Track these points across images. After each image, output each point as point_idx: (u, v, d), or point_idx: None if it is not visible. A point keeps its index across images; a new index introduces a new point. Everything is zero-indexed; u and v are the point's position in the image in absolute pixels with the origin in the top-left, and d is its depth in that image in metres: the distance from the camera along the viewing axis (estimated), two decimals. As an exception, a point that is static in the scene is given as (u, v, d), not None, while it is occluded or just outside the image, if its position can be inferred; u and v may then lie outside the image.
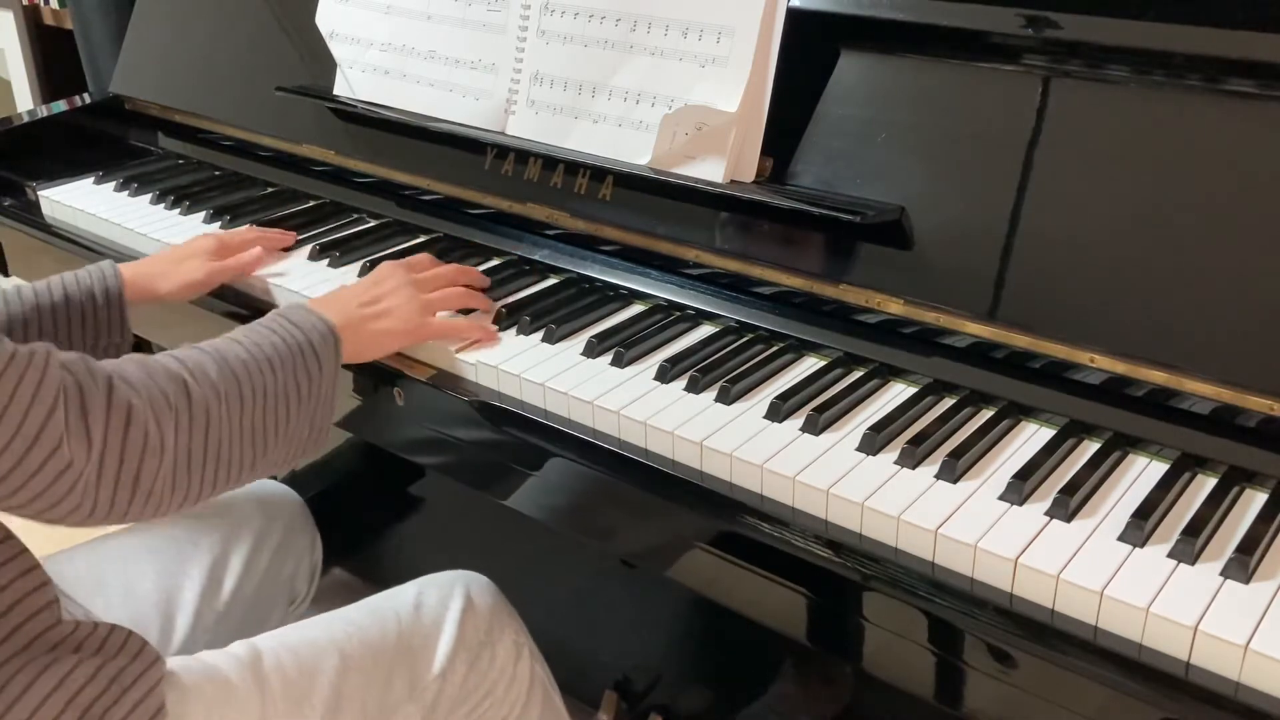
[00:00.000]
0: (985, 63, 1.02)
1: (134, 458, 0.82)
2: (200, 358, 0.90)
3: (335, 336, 1.00)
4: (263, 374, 0.92)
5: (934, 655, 0.85)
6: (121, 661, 0.89)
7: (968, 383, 1.01)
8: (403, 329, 1.08)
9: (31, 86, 2.31)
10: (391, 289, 1.10)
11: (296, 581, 1.32)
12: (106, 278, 1.16)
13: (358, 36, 1.40)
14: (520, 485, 1.08)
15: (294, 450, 0.96)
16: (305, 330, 0.98)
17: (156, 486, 0.84)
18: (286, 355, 0.95)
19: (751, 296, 1.13)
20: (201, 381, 0.88)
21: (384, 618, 1.06)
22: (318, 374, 0.96)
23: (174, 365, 0.88)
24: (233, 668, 0.96)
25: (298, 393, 0.94)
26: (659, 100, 1.15)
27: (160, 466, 0.83)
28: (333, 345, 0.99)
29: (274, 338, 0.96)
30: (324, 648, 1.01)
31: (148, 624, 1.16)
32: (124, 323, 1.16)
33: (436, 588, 1.11)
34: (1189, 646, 0.74)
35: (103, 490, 0.81)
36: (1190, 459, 0.91)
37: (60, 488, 0.79)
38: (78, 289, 1.14)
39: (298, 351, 0.96)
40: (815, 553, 0.88)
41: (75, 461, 0.78)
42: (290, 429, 0.94)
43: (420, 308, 1.10)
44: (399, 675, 1.03)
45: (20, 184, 1.60)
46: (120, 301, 1.16)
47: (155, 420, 0.83)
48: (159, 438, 0.83)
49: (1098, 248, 0.94)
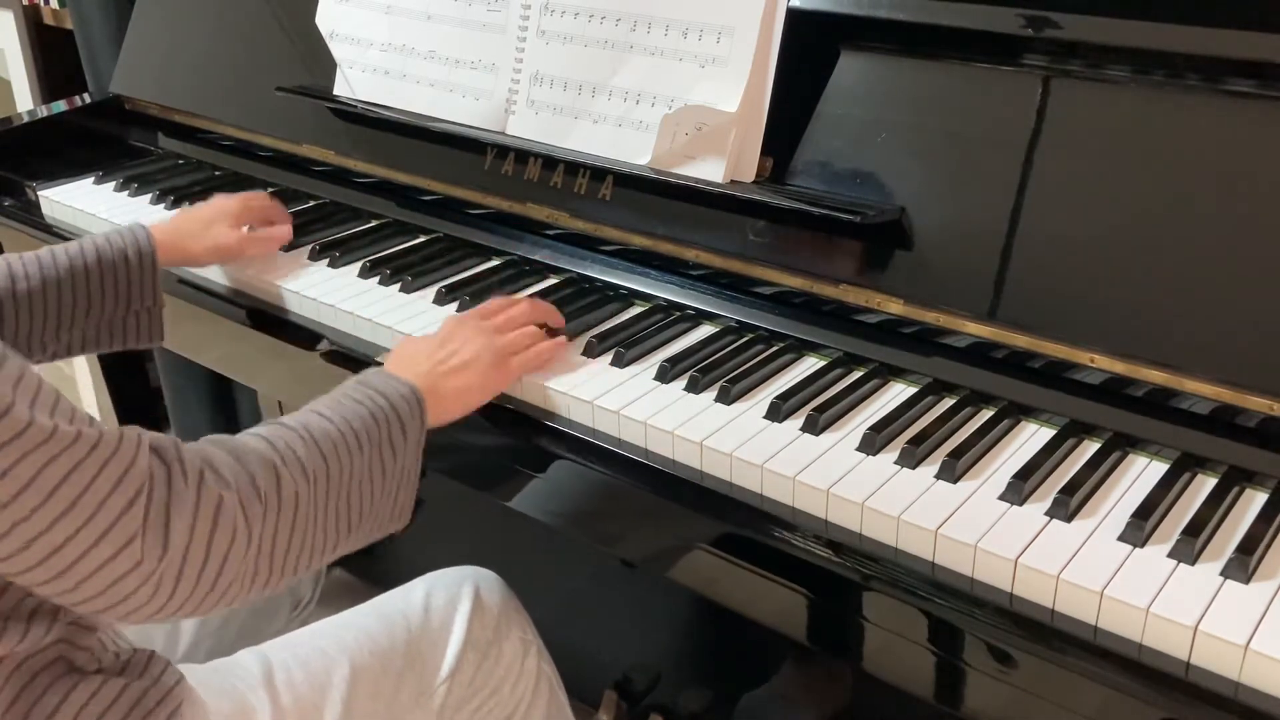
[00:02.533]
0: (985, 63, 1.02)
1: (219, 554, 0.77)
2: (288, 436, 0.85)
3: (420, 402, 0.93)
4: (349, 450, 0.86)
5: (934, 655, 0.85)
6: (144, 684, 0.89)
7: (968, 383, 1.01)
8: (482, 382, 1.01)
9: (31, 86, 2.30)
10: (465, 339, 1.02)
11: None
12: (139, 239, 1.15)
13: (358, 36, 1.40)
14: (520, 486, 1.08)
15: (379, 525, 0.91)
16: (390, 399, 0.91)
17: (236, 579, 0.79)
18: (373, 428, 0.89)
19: (751, 296, 1.13)
20: (291, 465, 0.83)
21: (393, 622, 1.06)
22: (402, 444, 0.91)
23: (263, 448, 0.83)
24: (248, 685, 0.96)
25: (383, 467, 0.89)
26: (659, 100, 1.15)
27: (244, 558, 0.79)
28: (418, 411, 0.93)
29: (358, 408, 0.89)
30: (334, 658, 1.01)
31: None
32: (155, 285, 1.16)
33: (445, 587, 1.11)
34: (1189, 646, 0.74)
35: (181, 586, 0.76)
36: (1190, 459, 0.91)
37: (130, 583, 0.74)
38: (110, 250, 1.13)
39: (384, 421, 0.90)
40: (815, 553, 0.88)
41: (146, 559, 0.73)
42: (376, 505, 0.89)
43: (496, 354, 1.02)
44: (408, 682, 1.03)
45: (20, 184, 1.60)
46: (153, 262, 1.15)
47: (244, 513, 0.78)
48: (246, 531, 0.78)
49: (1098, 248, 0.94)
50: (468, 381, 1.00)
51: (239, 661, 0.99)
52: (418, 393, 0.94)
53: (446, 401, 0.98)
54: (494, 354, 1.02)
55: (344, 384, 0.94)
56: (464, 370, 1.00)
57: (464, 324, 1.05)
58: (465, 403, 1.00)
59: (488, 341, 1.03)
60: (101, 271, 1.12)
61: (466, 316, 1.07)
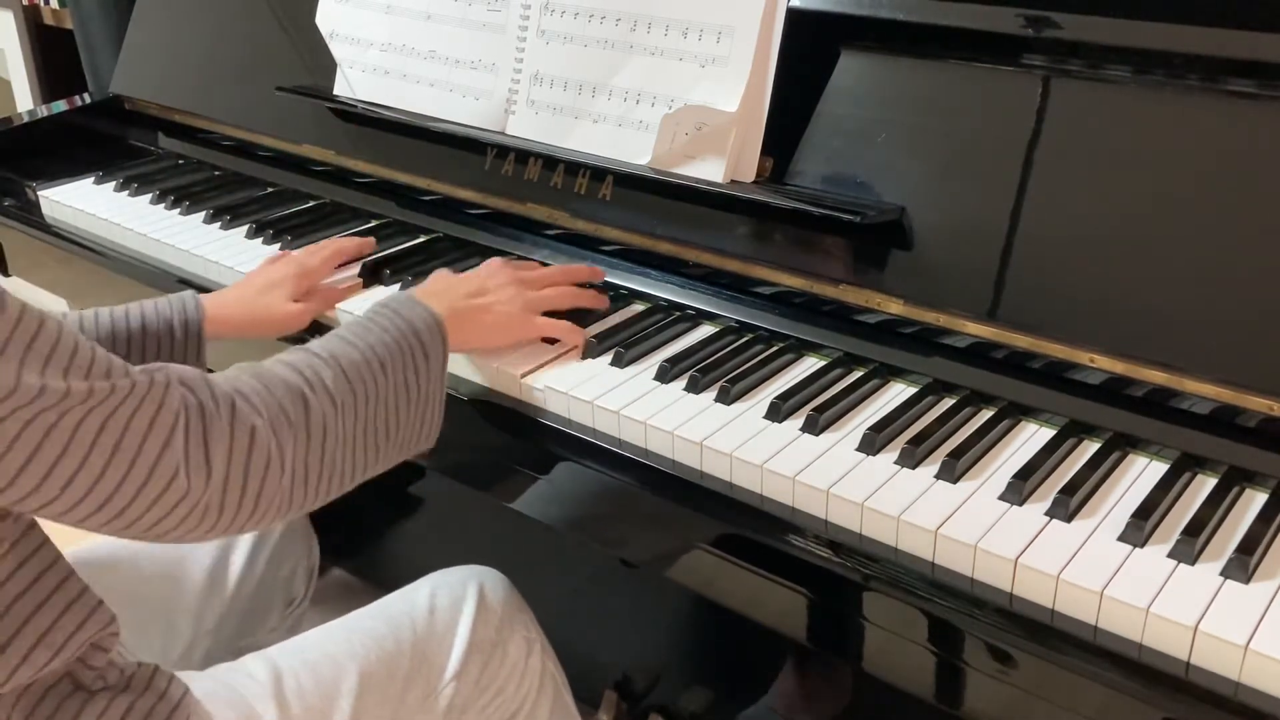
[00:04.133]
0: (985, 63, 1.02)
1: (256, 479, 0.81)
2: (316, 364, 0.88)
3: (441, 327, 0.97)
4: (374, 376, 0.90)
5: (934, 655, 0.85)
6: (151, 699, 0.89)
7: (968, 383, 1.01)
8: (507, 324, 1.07)
9: (31, 86, 2.31)
10: (498, 285, 1.08)
11: (294, 583, 1.32)
12: (187, 309, 1.11)
13: (358, 37, 1.40)
14: (520, 486, 1.08)
15: (407, 446, 0.95)
16: (413, 322, 0.96)
17: (275, 502, 0.83)
18: (396, 352, 0.93)
19: (751, 296, 1.13)
20: (319, 392, 0.86)
21: (399, 625, 1.06)
22: (425, 367, 0.94)
23: (291, 376, 0.86)
24: (255, 694, 0.96)
25: (407, 391, 0.93)
26: (659, 100, 1.15)
27: (280, 483, 0.82)
28: (440, 336, 0.97)
29: (383, 335, 0.93)
30: (343, 664, 1.01)
31: (152, 628, 1.16)
32: (200, 356, 1.12)
33: (449, 587, 1.10)
34: (1189, 646, 0.74)
35: (225, 513, 0.80)
36: (1190, 459, 0.91)
37: (177, 515, 0.78)
38: (156, 319, 1.09)
39: (407, 347, 0.94)
40: (815, 553, 0.88)
41: (193, 489, 0.77)
42: (402, 427, 0.93)
43: (525, 304, 1.08)
44: (414, 684, 1.03)
45: (20, 184, 1.60)
46: (199, 335, 1.11)
47: (276, 440, 0.82)
48: (280, 457, 0.82)
49: (1098, 248, 0.94)
50: (493, 320, 1.06)
51: (245, 669, 0.99)
52: (440, 320, 0.98)
53: (468, 332, 1.04)
54: (523, 304, 1.08)
55: (372, 305, 0.98)
56: (489, 310, 1.06)
57: (503, 270, 1.10)
58: (486, 338, 1.07)
59: (520, 291, 1.09)
60: (145, 341, 1.08)
61: (505, 263, 1.13)
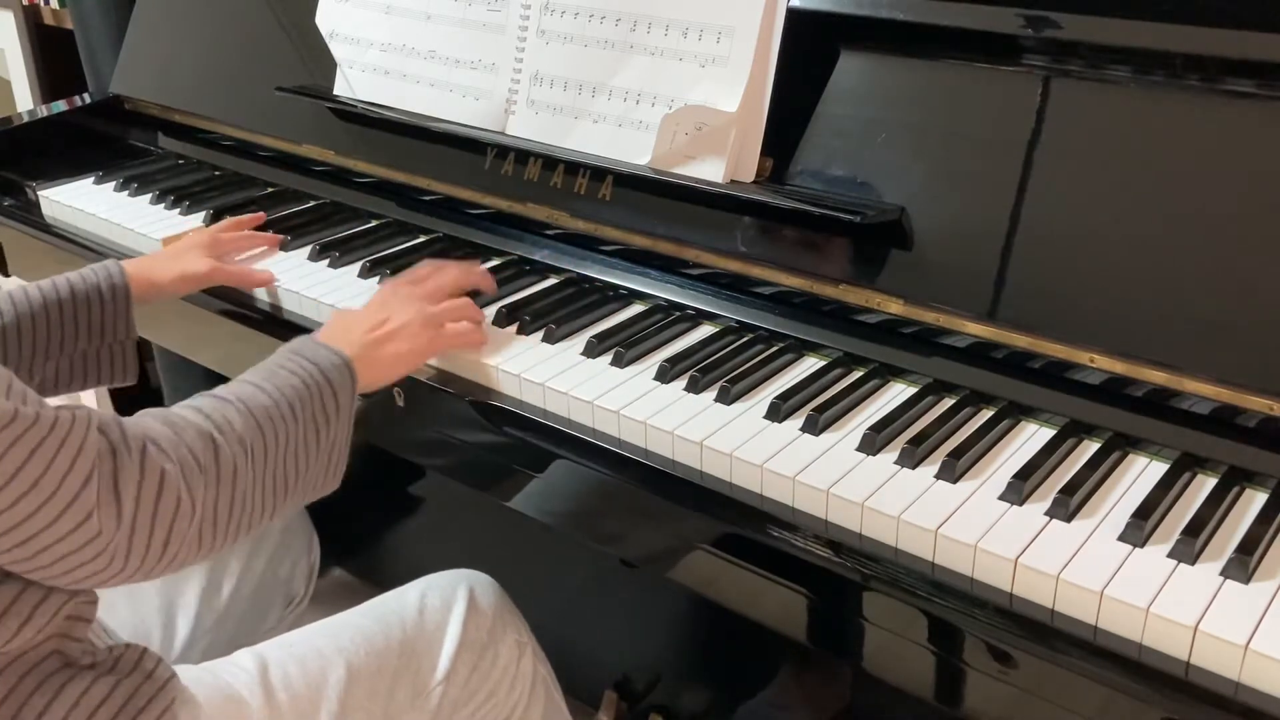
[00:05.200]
0: (985, 63, 1.02)
1: (165, 523, 0.81)
2: (225, 410, 0.88)
3: (351, 371, 0.97)
4: (284, 420, 0.90)
5: (934, 655, 0.85)
6: (136, 679, 0.89)
7: (968, 383, 1.01)
8: (411, 349, 1.05)
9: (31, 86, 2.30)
10: (397, 308, 1.06)
11: (293, 582, 1.33)
12: (112, 275, 1.15)
13: (358, 36, 1.40)
14: (520, 485, 1.08)
15: (313, 490, 0.95)
16: (323, 368, 0.95)
17: (184, 547, 0.83)
18: (306, 397, 0.92)
19: (751, 296, 1.13)
20: (229, 437, 0.86)
21: (388, 623, 1.06)
22: (334, 412, 0.94)
23: (201, 422, 0.86)
24: (242, 682, 0.96)
25: (316, 434, 0.92)
26: (659, 100, 1.15)
27: (189, 528, 0.82)
28: (349, 380, 0.96)
29: (293, 379, 0.93)
30: (330, 658, 1.01)
31: (151, 627, 1.16)
32: (129, 320, 1.16)
33: (439, 589, 1.11)
34: (1189, 646, 0.74)
35: (132, 556, 0.80)
36: (1190, 459, 0.91)
37: (86, 554, 0.78)
38: (83, 286, 1.13)
39: (316, 392, 0.93)
40: (815, 553, 0.88)
41: (104, 531, 0.77)
42: (310, 471, 0.93)
43: (426, 323, 1.06)
44: (403, 683, 1.03)
45: (20, 184, 1.60)
46: (126, 298, 1.15)
47: (186, 484, 0.82)
48: (189, 502, 0.82)
49: (1097, 248, 0.94)
50: (398, 349, 1.04)
51: (233, 660, 1.00)
52: (349, 362, 0.97)
53: (378, 368, 1.03)
54: (424, 322, 1.06)
55: (277, 352, 0.97)
56: (395, 339, 1.04)
57: (396, 292, 1.09)
58: (395, 370, 1.05)
59: (419, 310, 1.07)
60: (75, 309, 1.11)
61: (399, 284, 1.12)
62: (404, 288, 1.11)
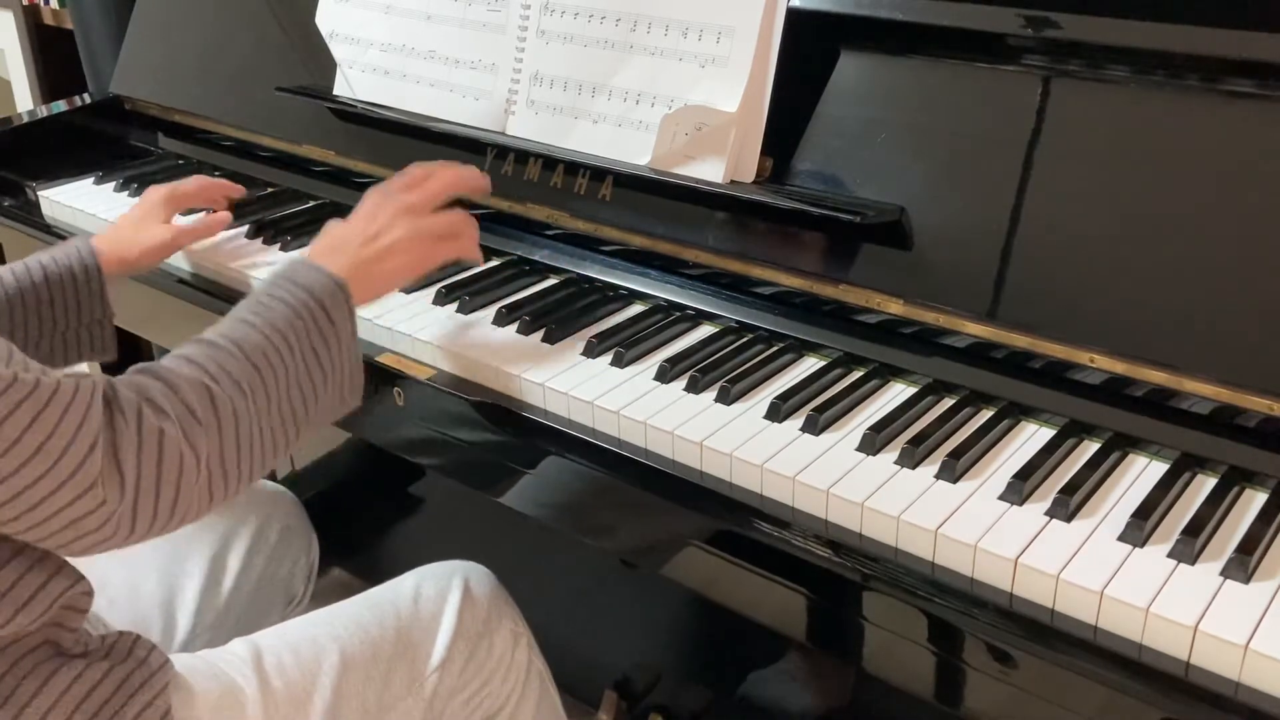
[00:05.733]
0: (985, 63, 1.02)
1: (171, 484, 0.80)
2: (217, 355, 0.86)
3: (344, 290, 0.95)
4: (280, 353, 0.89)
5: (934, 655, 0.85)
6: (129, 666, 0.89)
7: (968, 383, 1.01)
8: (408, 264, 1.04)
9: (31, 86, 2.30)
10: (389, 221, 1.03)
11: (293, 582, 1.33)
12: (83, 254, 1.14)
13: (358, 36, 1.40)
14: (520, 485, 1.08)
15: (330, 412, 0.95)
16: (314, 291, 0.93)
17: (195, 500, 0.82)
18: (299, 326, 0.91)
19: (751, 296, 1.13)
20: (224, 383, 0.85)
21: (383, 612, 1.06)
22: (333, 335, 0.93)
23: (194, 373, 0.84)
24: (236, 669, 0.97)
25: (318, 361, 0.91)
26: (659, 100, 1.15)
27: (197, 482, 0.81)
28: (343, 300, 0.95)
29: (283, 308, 0.91)
30: (324, 645, 1.01)
31: (151, 623, 1.16)
32: (104, 297, 1.15)
33: (434, 579, 1.11)
34: (1189, 646, 0.74)
35: (139, 520, 0.79)
36: (1190, 459, 0.91)
37: (92, 522, 0.77)
38: (56, 268, 1.12)
39: (309, 317, 0.92)
40: (815, 553, 0.88)
41: (109, 500, 0.77)
42: (319, 398, 0.92)
43: (421, 235, 1.05)
44: (398, 670, 1.03)
45: (20, 184, 1.60)
46: (99, 276, 1.14)
47: (187, 440, 0.81)
48: (194, 457, 0.81)
49: (1098, 248, 0.94)
50: (394, 264, 1.03)
51: (228, 648, 1.00)
52: (342, 284, 0.96)
53: (373, 283, 1.02)
54: (418, 236, 1.05)
55: (269, 278, 0.96)
56: (390, 254, 1.02)
57: (386, 201, 1.06)
58: (390, 284, 1.05)
59: (413, 224, 1.04)
60: (50, 291, 1.11)
61: (390, 190, 1.08)
62: (395, 195, 1.07)
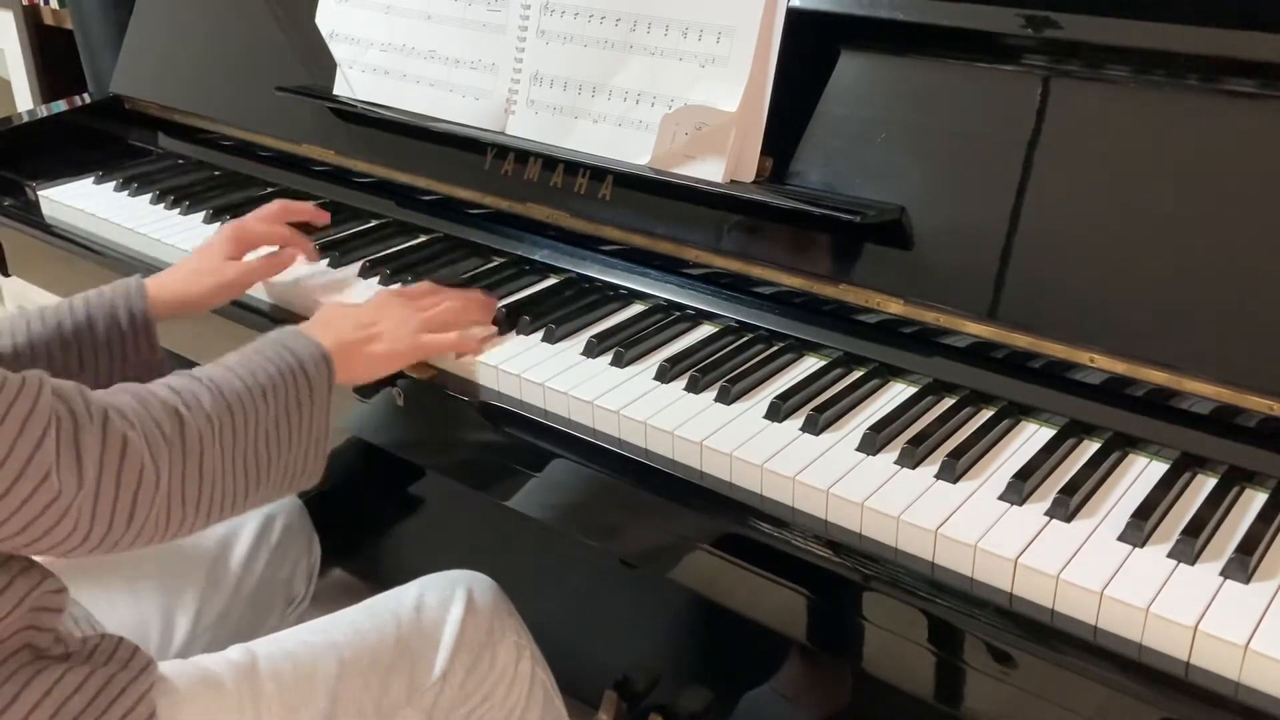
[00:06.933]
0: (985, 63, 1.02)
1: (129, 491, 0.81)
2: (195, 387, 0.89)
3: (328, 362, 0.97)
4: (255, 403, 0.90)
5: (934, 655, 0.85)
6: (111, 669, 0.89)
7: (968, 383, 1.01)
8: (391, 350, 1.06)
9: (31, 86, 2.31)
10: (387, 312, 1.08)
11: (294, 583, 1.32)
12: (131, 294, 1.10)
13: (357, 36, 1.40)
14: (520, 485, 1.08)
15: (290, 479, 0.95)
16: (299, 355, 0.96)
17: (150, 518, 0.83)
18: (280, 383, 0.93)
19: (751, 296, 1.13)
20: (195, 412, 0.86)
21: (383, 620, 1.06)
22: (308, 401, 0.94)
23: (169, 396, 0.87)
24: (227, 672, 0.96)
25: (289, 422, 0.93)
26: (659, 100, 1.15)
27: (155, 499, 0.83)
28: (325, 371, 0.97)
29: (268, 365, 0.94)
30: (322, 651, 1.00)
31: (150, 626, 1.16)
32: (151, 340, 1.11)
33: (437, 588, 1.10)
34: (1189, 646, 0.74)
35: (97, 522, 0.80)
36: (1190, 459, 0.91)
37: (49, 519, 0.78)
38: (101, 309, 1.09)
39: (290, 379, 0.94)
40: (815, 553, 0.88)
41: (64, 492, 0.78)
42: (284, 458, 0.93)
43: (415, 327, 1.08)
44: (397, 679, 1.03)
45: (20, 184, 1.60)
46: (146, 319, 1.10)
47: (150, 452, 0.82)
48: (154, 471, 0.82)
49: (1098, 248, 0.94)
50: (380, 350, 1.06)
51: (224, 653, 0.99)
52: (327, 355, 0.98)
53: (356, 366, 1.04)
54: (412, 328, 1.08)
55: (259, 339, 0.98)
56: (378, 339, 1.06)
57: (392, 300, 1.11)
58: (374, 369, 1.07)
59: (409, 315, 1.09)
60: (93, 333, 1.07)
61: (397, 290, 1.13)
62: (400, 295, 1.11)
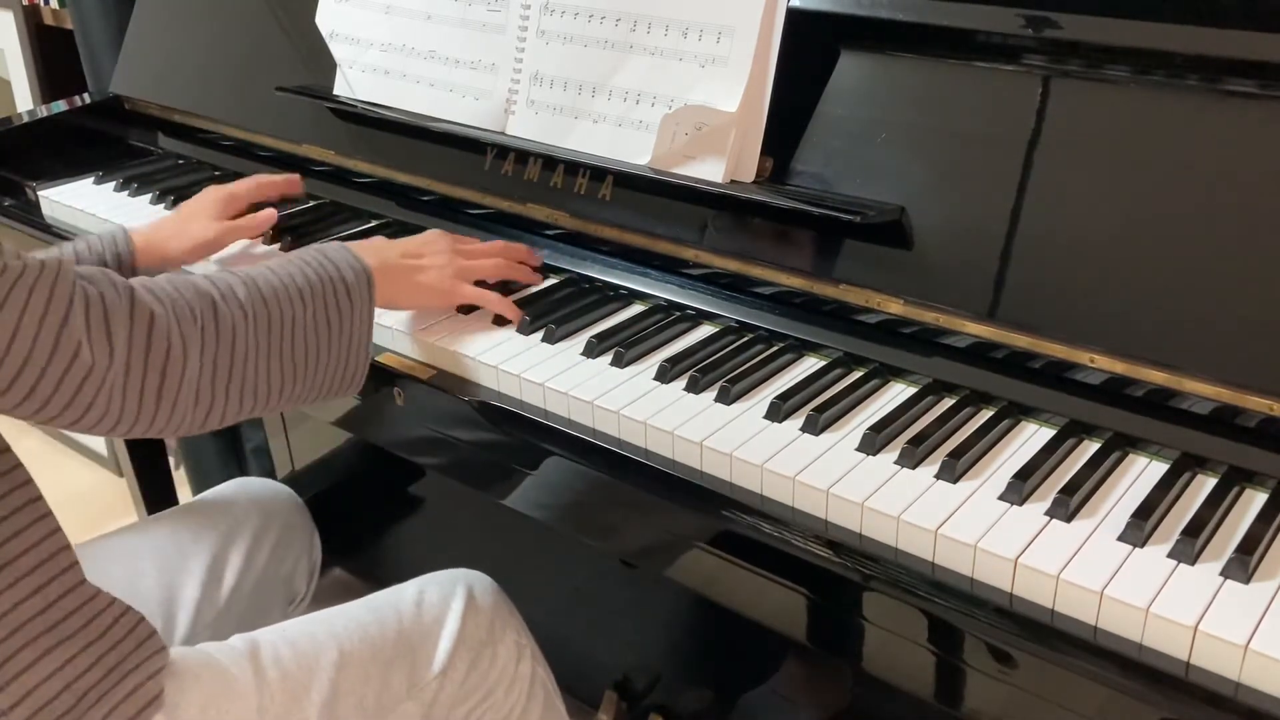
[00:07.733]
0: (985, 63, 1.02)
1: (158, 365, 0.83)
2: (231, 279, 0.92)
3: (370, 278, 1.01)
4: (292, 303, 0.93)
5: (934, 655, 0.85)
6: (127, 647, 0.90)
7: (968, 383, 1.01)
8: (436, 286, 1.10)
9: (31, 86, 2.31)
10: (434, 250, 1.12)
11: (295, 581, 1.33)
12: (118, 243, 1.16)
13: (357, 36, 1.40)
14: (520, 485, 1.08)
15: (326, 386, 0.98)
16: (340, 267, 0.99)
17: (181, 398, 0.85)
18: (319, 288, 0.96)
19: (751, 296, 1.13)
20: (229, 300, 0.90)
21: (384, 614, 1.06)
22: (349, 311, 0.97)
23: (202, 283, 0.90)
24: (231, 659, 0.97)
25: (328, 327, 0.96)
26: (659, 100, 1.15)
27: (184, 376, 0.85)
28: (366, 286, 1.00)
29: (307, 270, 0.97)
30: (323, 642, 1.01)
31: (151, 621, 1.16)
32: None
33: (438, 585, 1.11)
34: (1189, 646, 0.74)
35: (129, 397, 0.82)
36: (1190, 459, 0.91)
37: (86, 394, 0.80)
38: (89, 255, 1.14)
39: (330, 286, 0.97)
40: (815, 553, 0.88)
41: (97, 365, 0.80)
42: (321, 364, 0.96)
43: (457, 271, 1.12)
44: (398, 672, 1.03)
45: (20, 184, 1.60)
46: (132, 268, 1.16)
47: (179, 330, 0.85)
48: (182, 347, 0.85)
49: (1098, 248, 0.94)
50: (424, 281, 1.10)
51: (227, 642, 1.00)
52: (368, 270, 1.01)
53: (398, 289, 1.08)
54: (455, 270, 1.12)
55: (302, 249, 1.02)
56: (421, 271, 1.10)
57: (441, 239, 1.15)
58: (415, 297, 1.11)
59: (454, 258, 1.13)
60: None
61: (445, 235, 1.16)
62: (448, 237, 1.15)
